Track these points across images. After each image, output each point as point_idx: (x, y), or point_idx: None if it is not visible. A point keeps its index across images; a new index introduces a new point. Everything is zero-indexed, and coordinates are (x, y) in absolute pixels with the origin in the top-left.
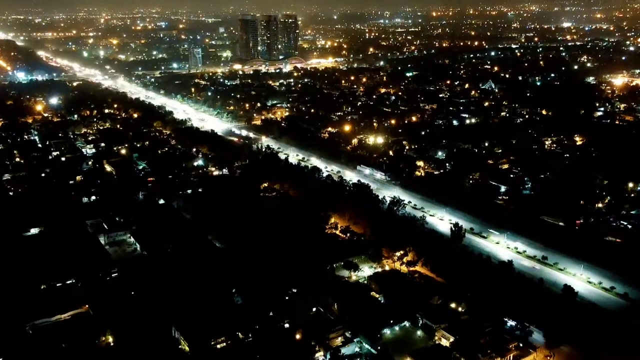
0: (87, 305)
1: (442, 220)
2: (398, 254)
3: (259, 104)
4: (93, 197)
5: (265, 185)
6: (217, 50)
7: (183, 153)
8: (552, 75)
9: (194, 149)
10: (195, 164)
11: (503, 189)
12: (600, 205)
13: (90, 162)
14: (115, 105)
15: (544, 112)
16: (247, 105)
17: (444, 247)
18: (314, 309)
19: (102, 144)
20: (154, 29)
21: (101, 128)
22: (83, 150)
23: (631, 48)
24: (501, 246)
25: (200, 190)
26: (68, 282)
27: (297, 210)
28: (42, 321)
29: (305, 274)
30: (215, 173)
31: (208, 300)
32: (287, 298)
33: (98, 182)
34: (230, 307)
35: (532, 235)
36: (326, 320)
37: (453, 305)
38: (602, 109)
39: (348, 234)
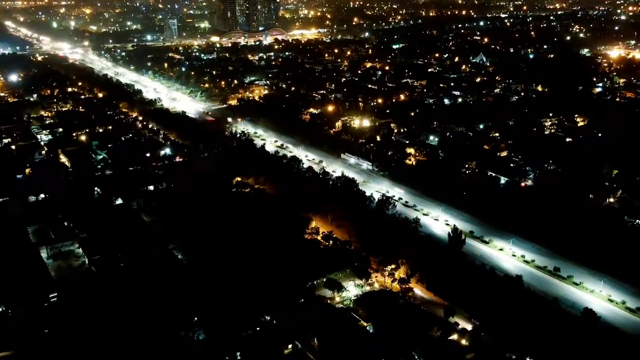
0: (11, 351)
1: (437, 220)
2: (389, 268)
3: (236, 81)
4: (42, 195)
5: (238, 179)
6: (195, 20)
7: (149, 140)
8: (545, 47)
9: (162, 135)
10: (162, 153)
11: (503, 180)
12: (612, 200)
13: (43, 152)
14: (80, 84)
15: (539, 88)
16: (223, 82)
17: (442, 258)
18: (290, 346)
19: (60, 130)
20: None
21: (62, 110)
22: (38, 136)
23: (622, 17)
24: (506, 254)
25: (165, 185)
26: None
27: (274, 211)
28: None
29: (281, 295)
30: (182, 164)
31: (163, 334)
32: (257, 329)
33: (49, 176)
34: (189, 344)
35: (540, 240)
36: None
37: (455, 337)
38: (600, 84)
39: (331, 241)
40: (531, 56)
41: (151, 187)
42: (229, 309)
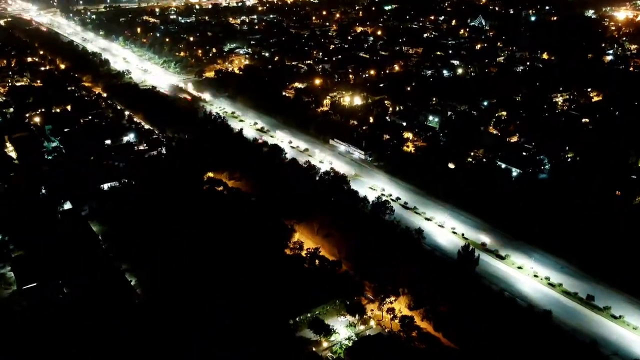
0: None
1: (442, 227)
2: (388, 301)
3: (214, 50)
4: None
5: (211, 175)
6: None
7: (111, 124)
8: (547, 7)
9: (127, 117)
10: (125, 139)
11: (515, 172)
12: None
13: None
14: (42, 52)
15: (545, 56)
16: (200, 51)
17: (451, 285)
18: None
19: (11, 110)
20: None
21: (16, 85)
22: None
23: None
24: (526, 274)
25: (123, 182)
26: None
27: (250, 219)
28: None
29: (255, 338)
30: (147, 155)
31: None
32: None
33: None
34: None
35: (565, 253)
36: None
37: None
38: (610, 51)
39: (317, 261)
40: (533, 18)
41: (108, 185)
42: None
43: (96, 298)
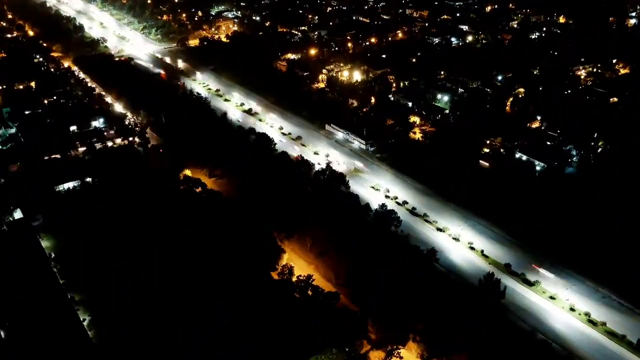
0: None
1: (457, 241)
2: (396, 355)
3: (200, 13)
4: None
5: (188, 173)
6: None
7: (78, 105)
8: None
9: (98, 95)
10: (93, 124)
11: (538, 166)
12: None
13: None
14: (10, 16)
15: (562, 19)
16: (184, 14)
17: (472, 324)
18: None
19: None
20: None
21: None
22: None
23: None
24: (561, 307)
25: (86, 181)
26: None
27: (232, 231)
28: None
29: None
30: (118, 142)
31: None
32: None
33: None
34: None
35: (606, 278)
36: None
37: None
38: (634, 14)
39: (310, 291)
40: None
41: (68, 185)
42: None
43: (39, 344)
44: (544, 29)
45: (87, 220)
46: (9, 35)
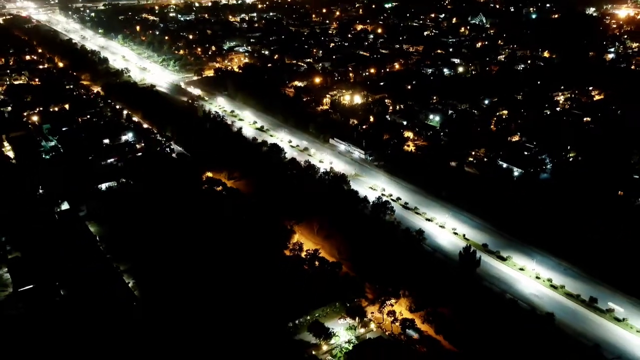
0: None
1: (443, 228)
2: (388, 304)
3: (213, 48)
4: None
5: (210, 174)
6: None
7: (109, 123)
8: (547, 5)
9: (125, 116)
10: (124, 139)
11: (516, 172)
12: None
13: None
14: (40, 50)
15: (546, 54)
16: (199, 49)
17: (452, 286)
18: None
19: (9, 108)
20: None
21: (14, 83)
22: None
23: None
24: (528, 275)
25: (121, 182)
26: None
27: (249, 219)
28: None
29: (254, 342)
30: (145, 153)
31: None
32: None
33: None
34: None
35: (567, 254)
36: None
37: None
38: (612, 49)
39: (317, 262)
40: (534, 16)
41: (106, 185)
42: None
43: (94, 300)
44: (529, 61)
45: (125, 210)
46: (41, 67)
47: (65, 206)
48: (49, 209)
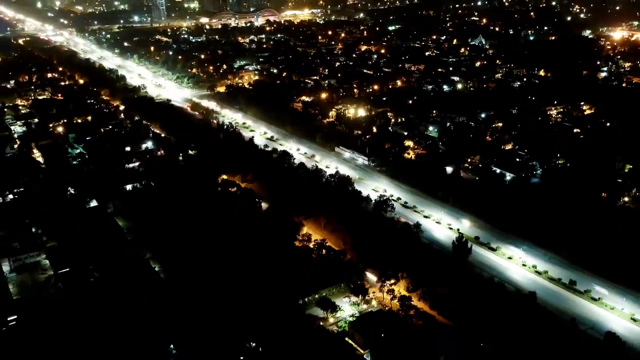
0: None
1: (439, 224)
2: (387, 285)
3: (225, 66)
4: (10, 196)
5: (225, 177)
6: (184, 1)
7: (130, 132)
8: (545, 28)
9: (144, 126)
10: (144, 147)
11: (508, 177)
12: (626, 199)
13: (16, 146)
14: (61, 69)
15: (542, 73)
16: (211, 67)
17: (446, 270)
18: None
19: (36, 120)
20: None
21: (39, 98)
22: (12, 128)
23: None
24: (515, 263)
25: (144, 183)
26: None
27: (261, 215)
28: None
29: (269, 315)
30: (165, 159)
31: None
32: (242, 358)
33: (20, 174)
34: None
35: (552, 246)
36: None
37: None
38: (605, 69)
39: (324, 250)
40: (532, 38)
41: (130, 186)
42: (210, 333)
43: (124, 281)
44: (525, 79)
45: (148, 207)
46: (62, 83)
47: (93, 203)
48: (80, 206)
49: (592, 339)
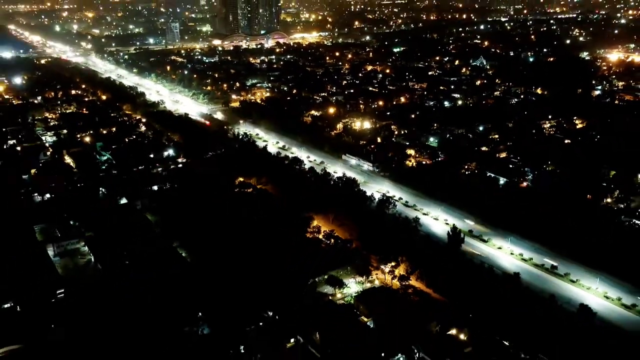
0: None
1: (436, 220)
2: (389, 266)
3: (237, 84)
4: (48, 195)
5: (241, 179)
6: (197, 24)
7: (152, 142)
8: (545, 50)
9: (165, 136)
10: (165, 154)
11: (502, 180)
12: (609, 200)
13: (48, 153)
14: (83, 86)
15: (539, 91)
16: (225, 85)
17: (441, 256)
18: (292, 340)
19: (64, 131)
20: (132, 1)
21: (66, 112)
22: (43, 138)
23: (622, 21)
24: (504, 252)
25: (168, 186)
26: (5, 305)
27: (275, 211)
28: None
29: (283, 292)
30: (186, 165)
31: (168, 328)
32: (261, 324)
33: (55, 177)
34: (194, 338)
35: (538, 239)
36: (307, 355)
37: (454, 332)
38: (599, 87)
39: (332, 240)
40: (531, 59)
41: (155, 188)
42: (233, 304)
43: (155, 263)
44: (522, 96)
45: (173, 204)
46: (86, 99)
47: (123, 201)
48: (112, 202)
49: (568, 311)
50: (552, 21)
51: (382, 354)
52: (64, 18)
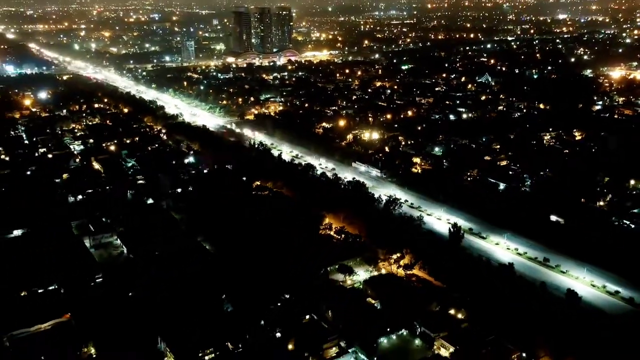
0: (69, 314)
1: (439, 219)
2: (394, 256)
3: (252, 98)
4: (80, 197)
5: (258, 183)
6: (211, 43)
7: (173, 150)
8: (549, 68)
9: (185, 146)
10: (186, 161)
11: (502, 186)
12: (601, 203)
13: (77, 160)
14: (105, 100)
15: (541, 106)
16: (240, 99)
17: (442, 249)
18: (307, 317)
19: (91, 141)
20: (147, 21)
21: (90, 124)
22: (71, 146)
23: (627, 40)
24: (501, 247)
25: (190, 188)
26: (50, 287)
27: (290, 210)
28: (20, 332)
29: (299, 279)
30: (206, 171)
31: (196, 307)
32: (279, 304)
33: (85, 180)
34: (219, 315)
35: (533, 236)
36: (320, 329)
37: (452, 311)
38: (600, 102)
39: (343, 235)
40: (535, 76)
41: (179, 190)
42: (253, 288)
43: (182, 255)
44: (525, 110)
45: (196, 204)
46: (109, 112)
47: (150, 201)
48: (139, 202)
49: (556, 296)
50: (557, 40)
51: (388, 329)
52: (81, 37)
